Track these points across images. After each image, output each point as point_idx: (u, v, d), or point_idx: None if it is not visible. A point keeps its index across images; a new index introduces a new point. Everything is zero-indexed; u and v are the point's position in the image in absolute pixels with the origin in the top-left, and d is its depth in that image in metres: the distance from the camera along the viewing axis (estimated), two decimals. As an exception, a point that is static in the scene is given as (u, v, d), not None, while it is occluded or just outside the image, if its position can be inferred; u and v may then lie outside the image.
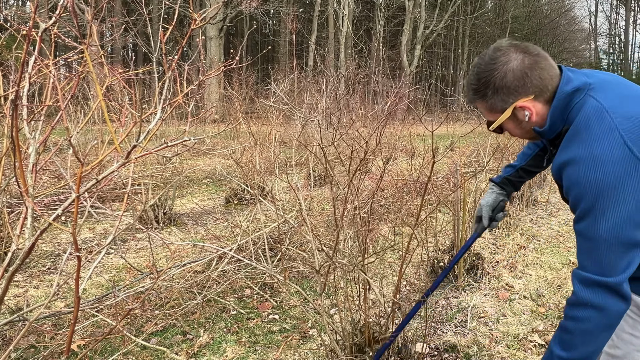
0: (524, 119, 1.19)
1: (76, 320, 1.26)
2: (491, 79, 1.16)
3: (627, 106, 1.09)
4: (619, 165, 1.01)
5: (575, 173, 1.07)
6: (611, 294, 1.03)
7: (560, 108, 1.15)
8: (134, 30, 12.89)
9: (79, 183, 1.08)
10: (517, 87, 1.14)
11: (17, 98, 1.04)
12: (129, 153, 1.12)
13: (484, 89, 1.18)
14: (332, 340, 1.94)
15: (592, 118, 1.08)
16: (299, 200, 2.23)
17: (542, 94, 1.16)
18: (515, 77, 1.14)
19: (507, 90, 1.15)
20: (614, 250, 1.03)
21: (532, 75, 1.14)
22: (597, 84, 1.15)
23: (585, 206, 1.05)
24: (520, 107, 1.17)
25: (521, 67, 1.14)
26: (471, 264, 3.32)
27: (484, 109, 1.25)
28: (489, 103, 1.20)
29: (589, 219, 1.05)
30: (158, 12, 18.76)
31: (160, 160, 6.17)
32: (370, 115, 6.78)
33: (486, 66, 1.17)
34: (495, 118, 1.23)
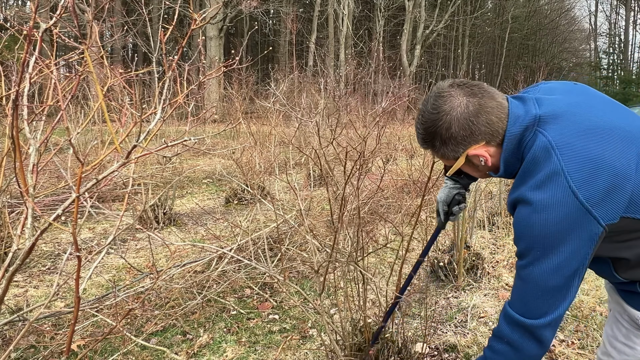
0: (480, 164, 1.13)
1: (76, 320, 1.26)
2: (437, 129, 1.08)
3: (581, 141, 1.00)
4: (560, 213, 0.96)
5: (518, 214, 1.04)
6: (528, 336, 1.04)
7: (511, 150, 1.08)
8: (133, 30, 12.90)
9: (79, 183, 1.08)
10: (465, 137, 1.07)
11: (17, 98, 1.04)
12: (129, 153, 1.12)
13: (432, 140, 1.12)
14: (332, 340, 1.94)
15: (539, 158, 1.01)
16: (298, 201, 2.23)
17: (493, 138, 1.08)
18: (461, 127, 1.06)
19: (455, 141, 1.08)
20: (541, 296, 1.02)
21: (478, 122, 1.06)
22: (550, 114, 1.05)
23: (523, 248, 1.03)
24: (473, 154, 1.10)
25: (465, 115, 1.05)
26: (471, 264, 3.32)
27: (437, 157, 1.19)
28: (440, 153, 1.14)
29: (525, 261, 1.03)
30: (158, 12, 18.76)
31: (160, 160, 6.17)
32: (370, 115, 6.78)
33: (430, 115, 1.09)
34: (451, 164, 1.17)
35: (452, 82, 1.10)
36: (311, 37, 23.84)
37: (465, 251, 3.29)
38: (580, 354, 2.42)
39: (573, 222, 0.96)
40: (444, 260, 3.24)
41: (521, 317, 1.04)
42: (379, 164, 5.38)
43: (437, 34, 28.54)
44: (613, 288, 1.26)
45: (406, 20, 25.84)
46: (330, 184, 2.23)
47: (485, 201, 4.89)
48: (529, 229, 1.00)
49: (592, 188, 0.96)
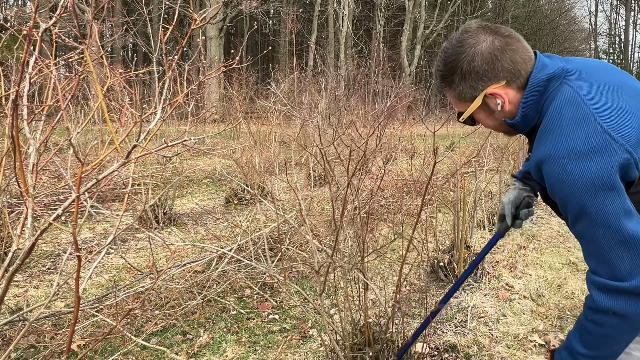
0: (496, 109, 1.08)
1: (76, 320, 1.26)
2: (458, 63, 1.05)
3: (608, 96, 0.97)
4: (599, 156, 0.91)
5: (554, 172, 0.96)
6: (632, 299, 0.93)
7: (533, 98, 1.04)
8: (134, 30, 12.90)
9: (79, 183, 1.08)
10: (487, 71, 1.04)
11: (17, 98, 1.04)
12: (129, 153, 1.12)
13: (451, 75, 1.07)
14: (332, 340, 1.94)
15: (566, 107, 0.97)
16: (298, 201, 2.23)
17: (515, 79, 1.05)
18: (484, 60, 1.03)
19: (476, 76, 1.04)
20: (621, 252, 0.92)
21: (502, 58, 1.03)
22: (575, 70, 1.03)
23: (575, 207, 0.96)
24: (491, 94, 1.06)
25: (491, 49, 1.03)
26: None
27: (453, 98, 1.14)
28: (457, 91, 1.09)
29: (584, 221, 0.96)
30: (158, 12, 18.77)
31: (160, 160, 6.17)
32: (371, 115, 6.78)
33: (453, 50, 1.06)
34: (465, 108, 1.12)
35: (480, 22, 1.08)
36: (311, 37, 23.84)
37: (465, 251, 3.29)
38: (580, 354, 2.41)
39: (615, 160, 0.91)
40: (444, 260, 3.24)
41: (616, 282, 0.94)
42: (379, 164, 5.39)
43: (437, 34, 28.54)
44: None
45: (406, 20, 25.84)
46: (331, 183, 2.24)
47: (485, 201, 4.89)
48: (572, 183, 0.93)
49: (626, 130, 0.92)
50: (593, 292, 0.99)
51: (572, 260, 3.82)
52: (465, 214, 3.19)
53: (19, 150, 1.09)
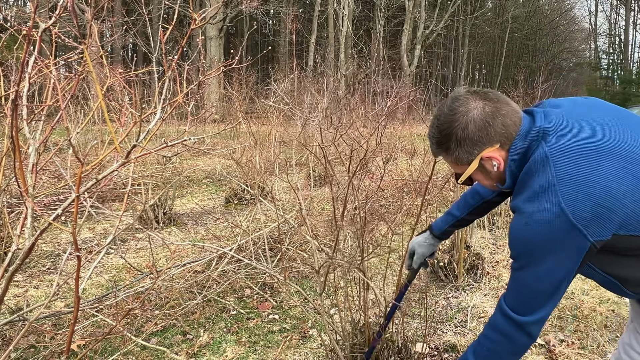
0: (493, 170, 1.14)
1: (76, 320, 1.26)
2: (452, 130, 1.11)
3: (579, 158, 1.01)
4: (548, 227, 1.00)
5: (513, 222, 1.09)
6: (519, 330, 1.11)
7: (516, 163, 1.10)
8: (134, 30, 12.89)
9: (79, 183, 1.08)
10: (481, 137, 1.09)
11: (17, 98, 1.04)
12: (129, 153, 1.12)
13: (447, 142, 1.13)
14: (332, 340, 1.94)
15: (535, 169, 1.05)
16: (298, 201, 2.23)
17: (507, 141, 1.10)
18: (477, 127, 1.09)
19: (471, 142, 1.10)
20: (530, 297, 1.09)
21: (494, 123, 1.08)
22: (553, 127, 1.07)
23: (515, 254, 1.10)
24: (487, 157, 1.12)
25: (482, 115, 1.08)
26: (471, 264, 3.32)
27: (450, 162, 1.20)
28: (454, 156, 1.15)
29: (516, 265, 1.10)
30: (158, 12, 18.76)
31: (160, 160, 6.17)
32: (371, 115, 6.78)
33: (446, 117, 1.12)
34: (463, 170, 1.18)
35: (467, 88, 1.14)
36: (311, 37, 23.84)
37: (465, 251, 3.29)
38: (580, 354, 2.42)
39: (561, 236, 1.00)
40: (444, 260, 3.24)
41: (513, 313, 1.11)
42: (379, 164, 5.38)
43: (437, 34, 28.54)
44: (636, 301, 1.28)
45: (406, 20, 25.84)
46: (332, 183, 2.24)
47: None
48: (519, 238, 1.07)
49: (581, 206, 0.98)
50: (496, 313, 1.16)
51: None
52: (465, 214, 3.19)
53: (19, 150, 1.09)
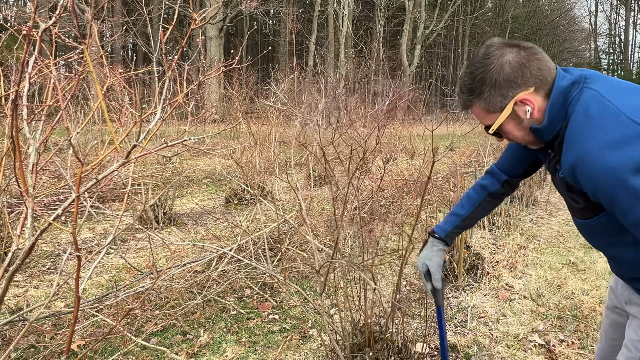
0: (525, 117, 1.10)
1: (76, 320, 1.26)
2: (487, 74, 1.08)
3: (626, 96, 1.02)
4: (636, 141, 0.93)
5: (593, 169, 0.97)
6: None
7: (558, 103, 1.07)
8: (134, 30, 12.89)
9: (79, 183, 1.08)
10: (516, 78, 1.07)
11: (17, 98, 1.04)
12: (129, 153, 1.12)
13: (480, 86, 1.10)
14: (332, 340, 1.94)
15: (591, 106, 1.01)
16: (298, 201, 2.23)
17: (543, 85, 1.08)
18: (513, 68, 1.07)
19: (506, 84, 1.07)
20: None
21: (530, 65, 1.07)
22: (594, 75, 1.09)
23: (627, 195, 0.95)
24: (522, 101, 1.09)
25: (517, 58, 1.07)
26: (471, 264, 3.32)
27: (480, 111, 1.15)
28: (487, 102, 1.11)
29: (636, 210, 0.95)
30: (158, 12, 18.76)
31: (160, 160, 6.17)
32: (370, 115, 6.79)
33: (480, 63, 1.09)
34: (493, 120, 1.14)
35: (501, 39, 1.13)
36: (311, 37, 23.84)
37: (465, 251, 3.29)
38: (580, 354, 2.42)
39: None
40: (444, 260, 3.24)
41: None
42: (379, 163, 5.39)
43: (437, 34, 28.55)
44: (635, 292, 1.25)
45: (406, 20, 25.84)
46: (331, 183, 2.24)
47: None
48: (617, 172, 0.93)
49: None
50: None
51: (572, 260, 3.82)
52: (465, 214, 3.19)
53: (19, 150, 1.09)
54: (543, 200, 5.90)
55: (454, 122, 10.55)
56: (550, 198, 6.01)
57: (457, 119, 10.52)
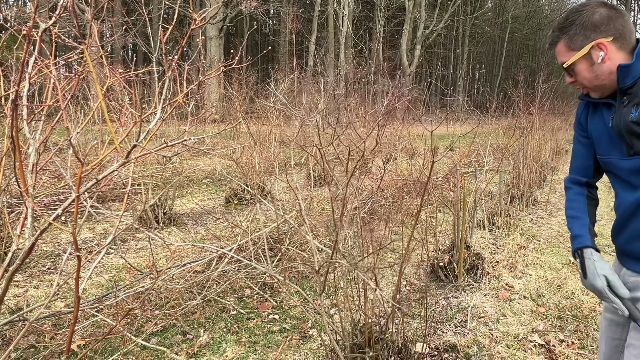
0: (597, 60, 1.29)
1: (76, 320, 1.26)
2: (579, 16, 1.30)
3: None
4: None
5: None
6: None
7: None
8: (134, 30, 12.89)
9: (79, 183, 1.08)
10: (601, 25, 1.27)
11: (17, 98, 1.04)
12: (129, 153, 1.12)
13: (570, 26, 1.31)
14: (332, 340, 1.94)
15: None
16: (298, 201, 2.23)
17: (621, 39, 1.28)
18: (602, 17, 1.27)
19: (592, 27, 1.28)
20: None
21: (616, 20, 1.27)
22: None
23: None
24: (598, 44, 1.27)
25: (608, 12, 1.28)
26: (471, 264, 3.32)
27: (563, 47, 1.34)
28: (571, 39, 1.31)
29: None
30: (158, 12, 18.76)
31: (160, 160, 6.17)
32: (370, 114, 6.78)
33: (577, 9, 1.32)
34: (569, 57, 1.33)
35: None
36: (311, 37, 23.83)
37: (465, 251, 3.29)
38: (580, 354, 2.42)
39: None
40: (444, 260, 3.24)
41: None
42: (379, 163, 5.38)
43: (437, 34, 28.52)
44: None
45: (406, 20, 25.83)
46: (330, 184, 2.24)
47: (485, 201, 4.89)
48: None
49: None
50: None
51: (572, 260, 3.82)
52: (465, 214, 3.19)
53: (19, 151, 1.09)
54: (543, 200, 5.90)
55: (454, 122, 10.54)
56: (550, 198, 6.01)
57: (456, 119, 10.51)
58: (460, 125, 9.02)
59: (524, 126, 6.05)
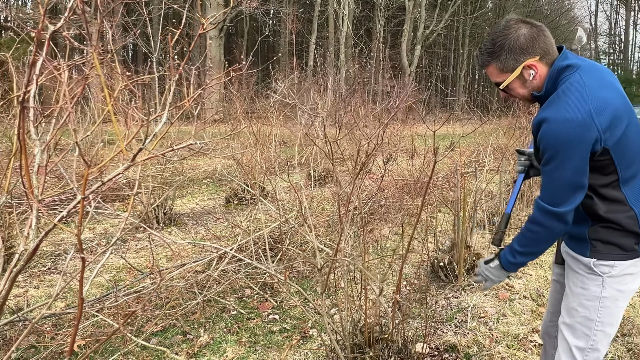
0: (529, 79, 1.43)
1: (79, 322, 1.27)
2: (506, 41, 1.40)
3: (602, 90, 1.36)
4: (580, 128, 1.29)
5: (548, 129, 1.33)
6: (556, 219, 1.39)
7: (554, 78, 1.41)
8: (134, 30, 12.88)
9: (85, 185, 1.08)
10: (528, 47, 1.39)
11: (24, 100, 1.05)
12: (135, 156, 1.13)
13: (499, 51, 1.42)
14: (333, 340, 1.95)
15: (573, 88, 1.35)
16: (300, 200, 2.23)
17: (546, 56, 1.41)
18: (526, 39, 1.39)
19: (520, 50, 1.40)
20: (564, 189, 1.36)
21: (539, 39, 1.40)
22: (585, 67, 1.41)
23: (550, 154, 1.34)
24: (528, 66, 1.41)
25: (530, 33, 1.40)
26: (471, 264, 3.33)
27: (495, 70, 1.46)
28: (502, 63, 1.43)
29: (552, 164, 1.35)
30: (158, 12, 18.75)
31: (161, 160, 6.17)
32: (372, 115, 6.79)
33: (501, 32, 1.42)
34: (503, 79, 1.46)
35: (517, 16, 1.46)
36: (311, 37, 23.82)
37: (465, 251, 3.29)
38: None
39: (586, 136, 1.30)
40: (444, 260, 3.25)
41: (551, 207, 1.38)
42: (379, 164, 5.39)
43: (437, 34, 28.52)
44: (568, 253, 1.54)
45: (406, 20, 25.81)
46: (333, 183, 2.25)
47: (485, 201, 4.89)
48: (556, 139, 1.32)
49: (602, 116, 1.31)
50: (535, 211, 1.43)
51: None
52: (466, 214, 3.20)
53: (25, 152, 1.10)
54: (543, 200, 5.89)
55: (454, 122, 10.55)
56: (550, 198, 6.00)
57: (457, 119, 10.52)
58: (462, 126, 9.03)
59: (524, 126, 6.06)
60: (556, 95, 1.38)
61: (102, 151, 5.64)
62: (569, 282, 1.56)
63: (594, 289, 1.46)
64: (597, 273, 1.45)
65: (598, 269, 1.44)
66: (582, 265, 1.48)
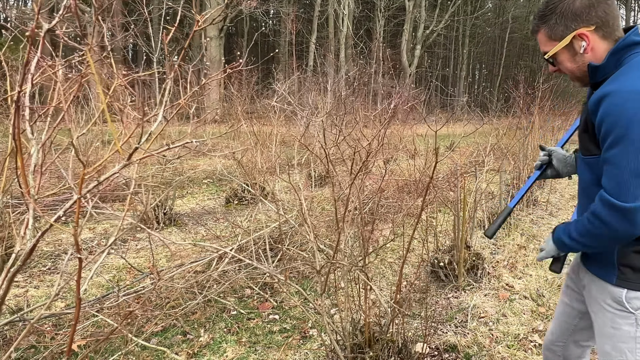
0: (579, 51, 1.23)
1: (77, 321, 1.26)
2: (559, 4, 1.23)
3: None
4: None
5: (612, 103, 1.11)
6: (621, 216, 1.12)
7: (619, 51, 1.19)
8: (134, 30, 12.89)
9: (82, 184, 1.08)
10: (582, 14, 1.20)
11: (19, 99, 1.04)
12: (131, 155, 1.12)
13: (550, 14, 1.24)
14: (332, 340, 1.94)
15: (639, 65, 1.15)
16: (300, 200, 2.23)
17: (603, 27, 1.20)
18: (583, 5, 1.20)
19: (572, 16, 1.21)
20: (635, 180, 1.09)
21: (598, 7, 1.20)
22: None
23: (618, 133, 1.09)
24: (580, 35, 1.22)
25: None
26: (471, 264, 3.32)
27: (543, 36, 1.29)
28: (551, 29, 1.25)
29: (619, 147, 1.10)
30: (158, 12, 18.76)
31: (161, 160, 6.17)
32: (373, 116, 6.78)
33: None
34: (551, 47, 1.28)
35: None
36: (311, 37, 23.83)
37: (465, 251, 3.29)
38: (580, 355, 2.42)
39: None
40: (444, 260, 3.24)
41: (616, 201, 1.12)
42: (379, 164, 5.38)
43: (437, 34, 28.52)
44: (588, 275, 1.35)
45: (406, 20, 25.82)
46: (333, 184, 2.24)
47: (485, 201, 4.89)
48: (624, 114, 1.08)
49: None
50: (597, 203, 1.17)
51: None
52: (466, 214, 3.19)
53: (21, 152, 1.10)
54: (543, 200, 5.90)
55: (454, 122, 10.55)
56: (550, 198, 6.01)
57: (457, 119, 10.52)
58: (463, 126, 9.03)
59: (524, 126, 6.05)
60: (621, 71, 1.17)
61: (102, 151, 5.64)
62: (596, 318, 1.35)
63: (626, 329, 1.25)
64: (629, 310, 1.23)
65: (630, 303, 1.23)
66: (609, 298, 1.27)
